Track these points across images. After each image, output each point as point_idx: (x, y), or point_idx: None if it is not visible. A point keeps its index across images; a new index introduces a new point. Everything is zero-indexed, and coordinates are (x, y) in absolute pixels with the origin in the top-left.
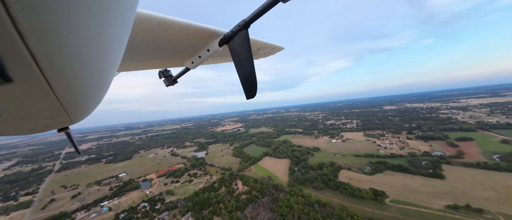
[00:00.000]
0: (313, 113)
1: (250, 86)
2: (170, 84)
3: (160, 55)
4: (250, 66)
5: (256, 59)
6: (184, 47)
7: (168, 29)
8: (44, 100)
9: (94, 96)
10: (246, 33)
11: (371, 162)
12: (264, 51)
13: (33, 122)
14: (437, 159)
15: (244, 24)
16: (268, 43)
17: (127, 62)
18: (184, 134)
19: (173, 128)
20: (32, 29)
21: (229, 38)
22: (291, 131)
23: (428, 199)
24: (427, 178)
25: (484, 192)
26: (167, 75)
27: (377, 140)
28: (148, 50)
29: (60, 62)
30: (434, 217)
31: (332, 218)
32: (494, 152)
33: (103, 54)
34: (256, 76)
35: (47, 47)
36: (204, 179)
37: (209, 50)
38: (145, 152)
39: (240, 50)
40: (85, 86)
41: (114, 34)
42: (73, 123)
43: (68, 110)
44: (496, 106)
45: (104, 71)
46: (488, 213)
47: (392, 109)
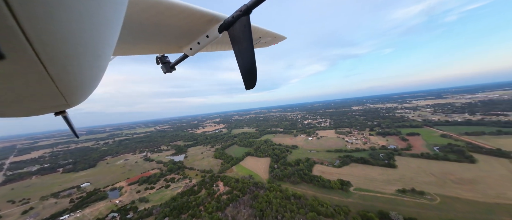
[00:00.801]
0: (293, 113)
1: (250, 76)
2: (168, 71)
3: (157, 40)
4: (250, 55)
5: (256, 49)
6: (182, 32)
7: (165, 11)
8: (38, 81)
9: (90, 79)
10: (248, 20)
11: (340, 156)
12: (266, 40)
13: (29, 103)
14: (391, 151)
15: (245, 10)
16: (270, 31)
17: (123, 45)
18: (160, 137)
19: (147, 130)
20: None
21: (229, 24)
22: (273, 131)
23: (383, 186)
24: (383, 167)
25: (426, 177)
26: (165, 62)
27: (346, 136)
28: (145, 33)
29: (53, 41)
30: (387, 200)
31: (305, 208)
32: (435, 144)
33: (97, 35)
34: (256, 66)
35: (39, 25)
36: (182, 183)
37: (208, 36)
38: (113, 158)
39: (241, 37)
40: (80, 68)
41: (108, 13)
42: (70, 107)
43: (64, 92)
44: (439, 107)
45: (99, 53)
46: (428, 194)
47: (359, 109)
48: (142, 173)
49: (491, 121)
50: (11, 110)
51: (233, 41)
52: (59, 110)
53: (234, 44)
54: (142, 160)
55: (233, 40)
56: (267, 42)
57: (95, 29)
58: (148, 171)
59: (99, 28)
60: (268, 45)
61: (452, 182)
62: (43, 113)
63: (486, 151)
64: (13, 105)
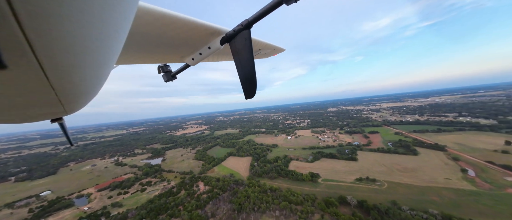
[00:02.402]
0: (276, 114)
1: (250, 86)
2: (169, 80)
3: (160, 50)
4: (250, 66)
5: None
6: (185, 43)
7: (169, 24)
8: (38, 89)
9: (90, 88)
10: (248, 33)
11: (313, 152)
12: (265, 52)
13: (26, 110)
14: (355, 147)
15: (246, 24)
16: (270, 44)
17: (126, 55)
18: (133, 140)
19: (117, 133)
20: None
21: (231, 37)
22: (256, 131)
23: (346, 176)
24: (347, 161)
25: (379, 168)
26: (167, 71)
27: (320, 135)
28: (148, 44)
29: (57, 51)
30: (347, 187)
31: (280, 198)
32: (389, 140)
33: (102, 46)
34: (256, 77)
35: (44, 35)
36: (160, 185)
37: (210, 48)
38: (77, 164)
39: (242, 49)
40: (81, 77)
41: (114, 25)
42: (68, 114)
43: (63, 101)
44: (396, 109)
45: (102, 63)
46: (378, 181)
47: (333, 111)
48: (114, 178)
49: (434, 121)
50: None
51: (234, 52)
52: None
53: (235, 55)
54: (113, 164)
55: (234, 52)
56: (267, 54)
57: (100, 39)
58: (120, 176)
59: (104, 38)
60: (268, 56)
61: (398, 171)
62: (40, 119)
63: (426, 145)
64: (10, 112)
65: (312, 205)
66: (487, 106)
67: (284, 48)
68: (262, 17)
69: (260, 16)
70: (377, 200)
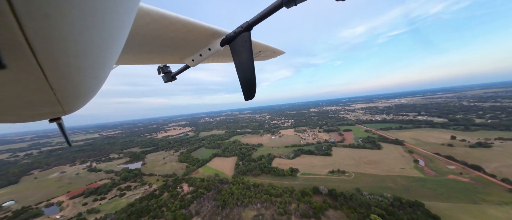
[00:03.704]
0: (262, 115)
1: (250, 88)
2: (169, 80)
3: (160, 51)
4: (250, 68)
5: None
6: (185, 44)
7: (170, 25)
8: (37, 89)
9: (89, 88)
10: (249, 35)
11: (294, 150)
12: (265, 54)
13: (25, 110)
14: (330, 144)
15: (247, 26)
16: (270, 46)
17: (126, 55)
18: (107, 144)
19: (88, 137)
20: (30, 16)
21: (231, 39)
22: (242, 132)
23: (321, 169)
24: (323, 156)
25: (349, 161)
26: (166, 71)
27: (301, 134)
28: (149, 45)
29: (56, 51)
30: (321, 179)
31: (261, 193)
32: (360, 137)
33: (102, 46)
34: (255, 78)
35: (44, 35)
36: (141, 189)
37: (210, 49)
38: (42, 171)
39: (242, 51)
40: (81, 77)
41: (115, 27)
42: (66, 114)
43: (62, 101)
44: (368, 109)
45: (102, 63)
46: (347, 172)
47: (315, 111)
48: (88, 185)
49: (398, 119)
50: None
51: (234, 54)
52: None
53: (235, 57)
54: (86, 171)
55: (234, 54)
56: (267, 56)
57: (100, 40)
58: (95, 182)
59: (104, 39)
60: (268, 59)
61: (364, 163)
62: (38, 119)
63: (389, 141)
64: (9, 112)
65: (290, 196)
66: (441, 106)
67: (284, 51)
68: (262, 19)
69: (260, 19)
70: (345, 188)
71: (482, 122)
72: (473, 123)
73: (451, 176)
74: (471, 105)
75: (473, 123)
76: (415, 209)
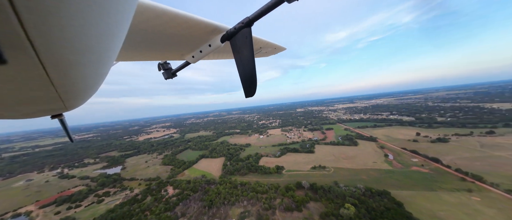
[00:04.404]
0: (251, 115)
1: (250, 85)
2: (169, 77)
3: (160, 47)
4: (251, 65)
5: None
6: (185, 40)
7: (170, 21)
8: (38, 85)
9: (90, 85)
10: (249, 31)
11: (280, 148)
12: (266, 51)
13: (27, 106)
14: (314, 142)
15: (247, 22)
16: (271, 42)
17: (126, 51)
18: (81, 148)
19: (57, 141)
20: (30, 12)
21: (231, 35)
22: (230, 132)
23: (304, 166)
24: (307, 154)
25: (329, 157)
26: (167, 68)
27: (287, 133)
28: (149, 41)
29: (57, 47)
30: (305, 174)
31: (248, 190)
32: (340, 135)
33: (102, 42)
34: (256, 75)
35: (45, 31)
36: (121, 195)
37: (211, 46)
38: (5, 180)
39: (242, 47)
40: (82, 73)
41: (115, 22)
42: (68, 110)
43: (63, 97)
44: (348, 109)
45: (103, 59)
46: (328, 168)
47: (301, 111)
48: (60, 193)
49: (373, 119)
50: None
51: (235, 50)
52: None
53: (236, 53)
54: (57, 178)
55: (235, 50)
56: (267, 53)
57: (100, 36)
58: (68, 189)
59: (104, 35)
60: (268, 55)
61: (342, 158)
62: (40, 115)
63: (365, 138)
64: (10, 107)
65: (275, 192)
66: (410, 107)
67: (285, 47)
68: (263, 15)
69: (261, 14)
70: (324, 182)
71: (443, 120)
72: (435, 121)
73: (414, 168)
74: (435, 106)
75: (435, 121)
76: (383, 197)
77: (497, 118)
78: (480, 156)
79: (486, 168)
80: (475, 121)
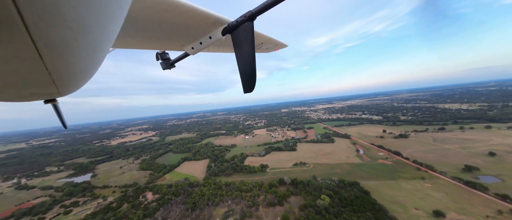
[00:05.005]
0: (237, 116)
1: (249, 80)
2: (167, 68)
3: (159, 36)
4: (251, 60)
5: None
6: (185, 31)
7: (171, 10)
8: (31, 67)
9: (85, 70)
10: (251, 25)
11: (265, 148)
12: (267, 46)
13: (19, 89)
14: (296, 140)
15: (250, 16)
16: (272, 38)
17: (123, 38)
18: (40, 155)
19: (12, 148)
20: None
21: (233, 28)
22: (215, 133)
23: (287, 163)
24: (290, 152)
25: (309, 154)
26: (165, 58)
27: (272, 133)
28: (148, 29)
29: (51, 27)
30: (287, 171)
31: (233, 190)
32: (319, 133)
33: (99, 25)
34: (256, 70)
35: (38, 9)
36: (92, 204)
37: (211, 38)
38: None
39: (243, 42)
40: (76, 58)
41: (113, 5)
42: (61, 96)
43: (57, 81)
44: (328, 109)
45: (98, 44)
46: (307, 164)
47: (286, 111)
48: (18, 205)
49: (348, 118)
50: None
51: (236, 44)
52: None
53: (236, 47)
54: (12, 189)
55: (236, 44)
56: (269, 49)
57: (97, 20)
58: (27, 201)
59: (101, 19)
60: (269, 51)
61: (320, 155)
62: (33, 99)
63: (340, 135)
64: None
65: (259, 190)
66: (379, 107)
67: (287, 44)
68: (267, 9)
69: (265, 8)
70: (304, 177)
71: (405, 119)
72: (399, 120)
73: (380, 161)
74: (399, 106)
75: (399, 120)
76: (353, 187)
77: (447, 116)
78: (432, 149)
79: (437, 159)
80: (430, 119)
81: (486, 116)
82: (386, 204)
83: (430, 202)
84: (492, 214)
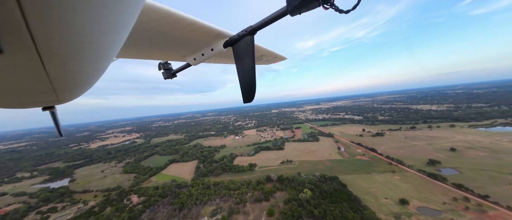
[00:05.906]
0: (227, 116)
1: (249, 91)
2: (169, 77)
3: (162, 47)
4: (251, 71)
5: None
6: (188, 43)
7: (174, 23)
8: (33, 76)
9: (87, 79)
10: (252, 39)
11: (255, 147)
12: (267, 59)
13: (19, 96)
14: (284, 140)
15: (251, 30)
16: (272, 51)
17: (127, 49)
18: (9, 160)
19: None
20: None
21: (234, 41)
22: (204, 135)
23: (274, 161)
24: (278, 151)
25: (296, 152)
26: (167, 68)
27: (262, 133)
28: (151, 40)
29: (56, 39)
30: (274, 169)
31: (221, 189)
32: (306, 133)
33: (104, 38)
34: (255, 82)
35: (45, 21)
36: (72, 209)
37: (213, 50)
38: None
39: (244, 54)
40: (79, 68)
41: (119, 19)
42: (60, 103)
43: (57, 89)
44: (315, 110)
45: (102, 55)
46: (294, 161)
47: (276, 112)
48: None
49: (333, 118)
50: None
51: (237, 57)
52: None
53: (237, 59)
54: None
55: (237, 56)
56: (268, 61)
57: (102, 33)
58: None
59: (106, 33)
60: (269, 63)
61: (306, 153)
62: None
63: (325, 134)
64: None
65: (247, 187)
66: (361, 108)
67: (286, 57)
68: (267, 25)
69: (264, 24)
70: (290, 173)
71: (382, 118)
72: (377, 119)
73: (358, 157)
74: (378, 107)
75: (377, 119)
76: (332, 181)
77: (419, 116)
78: (403, 145)
79: (406, 154)
80: (404, 118)
81: (452, 116)
82: (360, 195)
83: (398, 192)
84: (448, 201)
